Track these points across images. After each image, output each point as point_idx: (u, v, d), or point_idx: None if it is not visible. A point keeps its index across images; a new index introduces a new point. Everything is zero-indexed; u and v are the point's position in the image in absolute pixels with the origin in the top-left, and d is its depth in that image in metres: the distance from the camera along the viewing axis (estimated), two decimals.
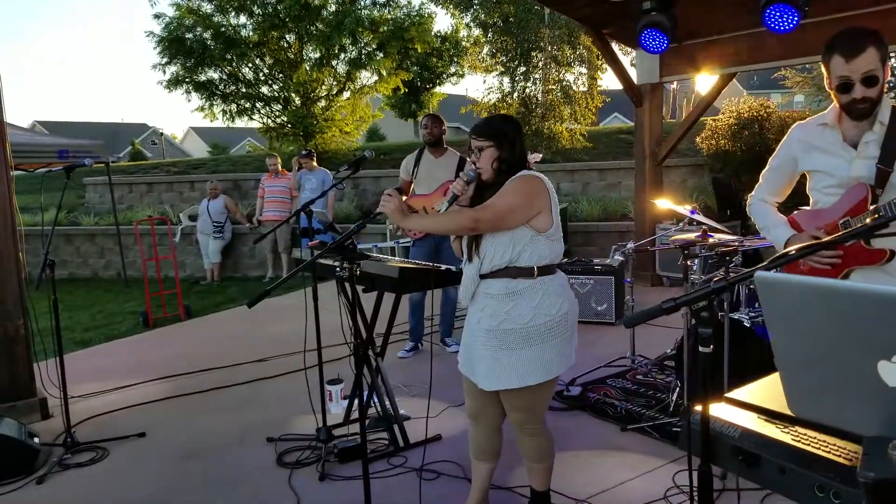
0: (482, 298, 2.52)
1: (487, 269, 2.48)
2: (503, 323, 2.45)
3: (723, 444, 1.33)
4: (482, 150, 2.49)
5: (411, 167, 5.32)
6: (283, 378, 5.07)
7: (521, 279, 2.44)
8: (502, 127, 2.54)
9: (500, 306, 2.46)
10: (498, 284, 2.47)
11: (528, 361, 2.45)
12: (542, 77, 11.68)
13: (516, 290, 2.45)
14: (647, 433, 3.69)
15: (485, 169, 2.49)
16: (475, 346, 2.57)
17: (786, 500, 2.90)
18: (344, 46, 12.43)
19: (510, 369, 2.46)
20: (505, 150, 2.48)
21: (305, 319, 3.54)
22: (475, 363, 2.58)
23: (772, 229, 2.43)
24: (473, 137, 2.52)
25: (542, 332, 2.44)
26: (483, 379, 2.54)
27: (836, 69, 2.11)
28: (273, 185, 9.76)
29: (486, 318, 2.50)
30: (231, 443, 3.91)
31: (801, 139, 2.36)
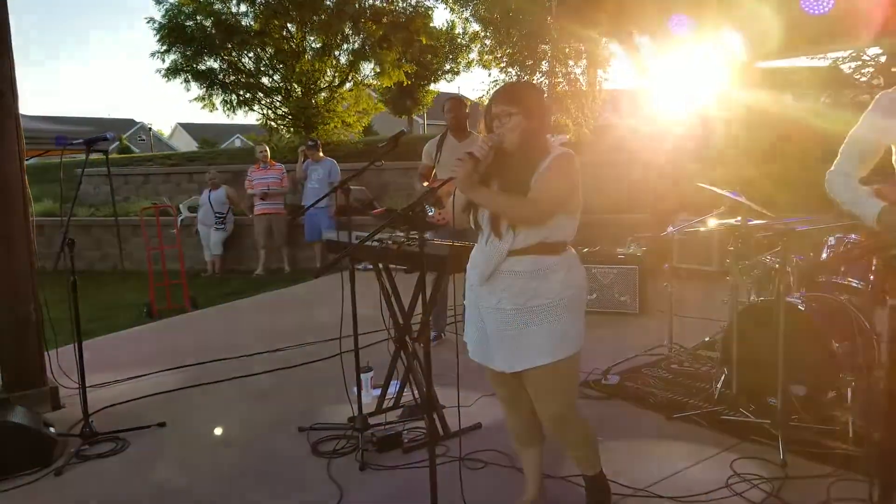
0: (505, 277, 2.36)
1: (520, 245, 2.34)
2: (531, 300, 2.33)
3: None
4: (510, 115, 2.33)
5: (434, 151, 5.18)
6: (305, 368, 4.91)
7: (548, 256, 2.34)
8: (533, 95, 2.43)
9: (528, 283, 2.33)
10: (526, 261, 2.34)
11: (556, 336, 2.34)
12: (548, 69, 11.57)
13: (545, 266, 2.34)
14: (695, 422, 3.57)
15: (508, 137, 2.34)
16: (492, 329, 2.42)
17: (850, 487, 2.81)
18: (346, 36, 12.25)
19: (537, 346, 2.34)
20: (534, 121, 2.34)
21: (342, 304, 3.37)
22: (493, 348, 2.44)
23: (859, 203, 2.30)
24: (499, 104, 2.35)
25: (568, 304, 2.35)
26: (506, 360, 2.40)
27: None
28: (262, 178, 9.52)
29: (509, 298, 2.35)
30: (260, 432, 3.75)
31: (889, 108, 2.23)
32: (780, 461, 3.05)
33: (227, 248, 10.13)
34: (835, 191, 2.42)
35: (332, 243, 3.77)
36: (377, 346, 5.10)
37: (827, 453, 3.11)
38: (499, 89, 2.45)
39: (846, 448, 3.13)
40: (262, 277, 9.33)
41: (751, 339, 3.62)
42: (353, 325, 3.52)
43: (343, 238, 3.46)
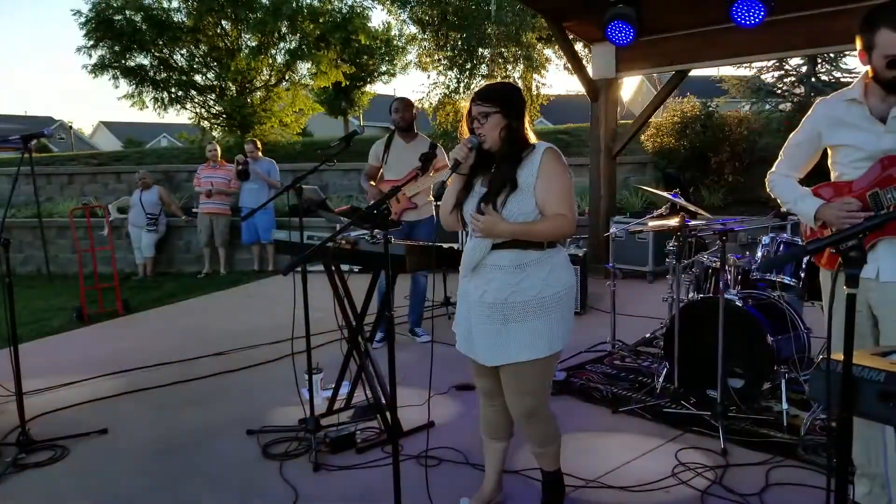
0: (488, 271, 2.41)
1: (500, 240, 2.39)
2: (512, 295, 2.37)
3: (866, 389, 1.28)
4: (487, 115, 2.37)
5: (381, 152, 5.18)
6: (249, 371, 4.80)
7: (531, 251, 2.38)
8: (510, 94, 2.46)
9: (509, 278, 2.38)
10: (509, 256, 2.38)
11: (535, 334, 2.38)
12: (488, 73, 11.71)
13: (526, 261, 2.38)
14: (639, 415, 3.71)
15: (489, 136, 2.39)
16: (476, 321, 2.46)
17: (788, 471, 2.99)
18: (283, 35, 12.04)
19: (517, 342, 2.38)
20: (513, 119, 2.39)
21: (294, 305, 3.33)
22: (475, 339, 2.48)
23: (799, 202, 2.45)
24: (478, 103, 2.40)
25: (549, 304, 2.39)
26: (487, 353, 2.44)
27: (887, 45, 2.12)
28: (211, 176, 9.30)
29: (491, 291, 2.40)
30: (207, 437, 3.65)
31: (827, 114, 2.39)
32: (720, 450, 3.20)
33: (159, 250, 9.81)
34: (776, 191, 2.56)
35: (282, 243, 3.71)
36: (324, 347, 5.07)
37: (763, 441, 3.29)
38: (476, 90, 2.48)
39: (781, 436, 3.32)
40: (202, 280, 9.08)
41: (691, 335, 3.78)
42: (306, 326, 3.48)
43: (295, 238, 3.42)
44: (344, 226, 2.26)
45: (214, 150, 9.40)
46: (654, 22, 5.81)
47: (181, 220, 9.94)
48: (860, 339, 2.42)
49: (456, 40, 12.00)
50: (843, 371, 1.23)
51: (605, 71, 7.14)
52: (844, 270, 1.22)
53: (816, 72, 9.70)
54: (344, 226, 2.26)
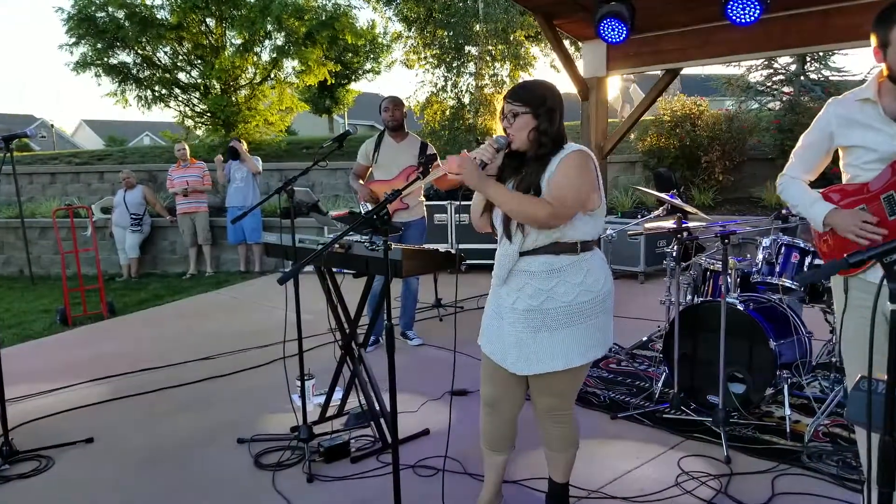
0: (520, 277, 2.32)
1: (530, 247, 2.29)
2: (546, 302, 2.28)
3: None
4: (516, 115, 2.28)
5: (371, 152, 5.08)
6: (239, 376, 4.69)
7: (564, 255, 2.28)
8: (543, 93, 2.31)
9: (542, 284, 2.28)
10: (540, 261, 2.29)
11: (571, 341, 2.29)
12: (476, 71, 11.62)
13: (560, 266, 2.28)
14: (638, 421, 3.64)
15: (518, 137, 2.29)
16: (507, 328, 2.37)
17: (797, 480, 2.93)
18: (269, 33, 11.87)
19: (553, 351, 2.29)
20: (543, 120, 2.27)
21: (284, 308, 3.24)
22: (508, 348, 2.37)
23: (809, 206, 2.38)
24: (508, 101, 2.31)
25: (585, 309, 2.29)
26: (519, 362, 2.35)
27: None
28: (183, 176, 9.17)
29: (524, 298, 2.31)
30: (196, 445, 3.54)
31: (839, 114, 2.33)
32: (724, 458, 3.14)
33: (143, 250, 9.65)
34: (785, 194, 2.49)
35: (273, 247, 3.61)
36: (315, 351, 4.98)
37: (767, 448, 3.23)
38: (512, 87, 2.37)
39: (785, 443, 3.27)
40: (188, 281, 8.94)
41: (691, 339, 3.72)
42: (298, 330, 3.38)
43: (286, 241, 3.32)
44: (343, 232, 2.17)
45: (183, 149, 9.33)
46: (645, 20, 5.72)
47: (166, 220, 9.78)
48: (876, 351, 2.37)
49: (443, 38, 11.89)
50: (887, 392, 1.16)
51: (596, 69, 7.05)
52: (889, 285, 1.15)
53: (805, 70, 9.72)
54: (343, 232, 2.17)
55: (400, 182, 4.89)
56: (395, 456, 2.29)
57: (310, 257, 1.87)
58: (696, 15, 5.95)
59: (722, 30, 5.66)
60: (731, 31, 5.35)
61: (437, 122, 11.73)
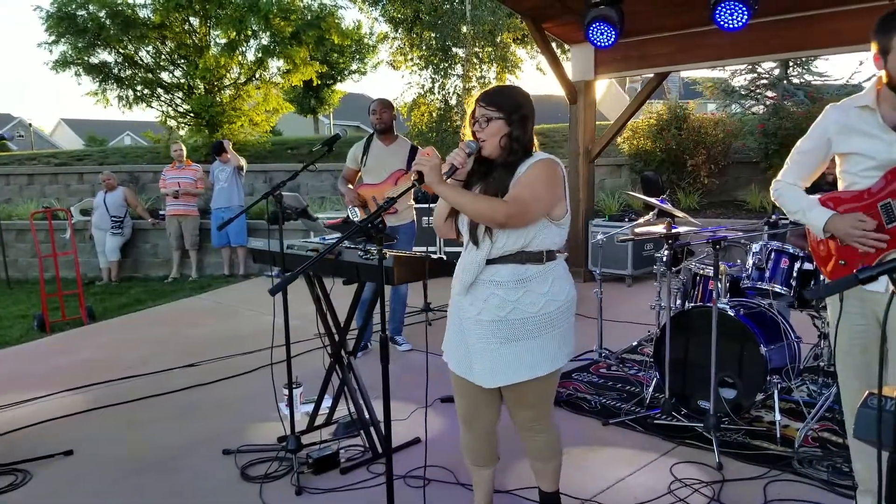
0: (486, 287, 2.26)
1: (497, 255, 2.25)
2: (512, 312, 2.23)
3: None
4: (489, 120, 2.23)
5: (360, 155, 5.02)
6: (224, 384, 4.61)
7: (530, 265, 2.25)
8: (517, 99, 2.28)
9: (509, 294, 2.24)
10: (506, 271, 2.24)
11: (538, 351, 2.25)
12: (463, 73, 11.60)
13: (526, 276, 2.24)
14: (630, 427, 3.62)
15: (488, 143, 2.24)
16: (473, 340, 2.31)
17: (788, 486, 2.92)
18: (255, 32, 11.76)
19: (519, 361, 2.25)
20: (516, 127, 2.24)
21: (272, 313, 3.17)
22: (473, 360, 2.33)
23: (807, 212, 2.37)
24: (481, 105, 2.25)
25: (552, 318, 2.26)
26: (486, 375, 2.30)
27: None
28: (177, 177, 9.04)
29: (490, 309, 2.25)
30: (181, 456, 3.45)
31: (837, 121, 2.31)
32: (715, 464, 3.13)
33: (124, 253, 9.50)
34: (782, 200, 2.47)
35: (260, 252, 3.54)
36: (302, 357, 4.90)
37: (758, 454, 3.22)
38: (483, 91, 2.32)
39: (775, 448, 3.27)
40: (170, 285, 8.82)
41: (681, 344, 3.71)
42: (286, 336, 3.31)
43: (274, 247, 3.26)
44: (337, 240, 2.11)
45: (180, 149, 9.16)
46: (633, 24, 5.74)
47: (148, 222, 9.65)
48: (865, 354, 2.36)
49: (430, 39, 11.86)
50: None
51: (584, 73, 7.07)
52: None
53: (788, 75, 9.81)
54: (337, 240, 2.11)
55: (388, 186, 4.84)
56: (388, 468, 2.23)
57: (303, 267, 1.82)
58: (684, 20, 5.99)
59: (709, 34, 5.70)
60: (717, 36, 5.38)
61: (425, 123, 11.69)
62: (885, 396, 1.17)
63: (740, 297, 3.89)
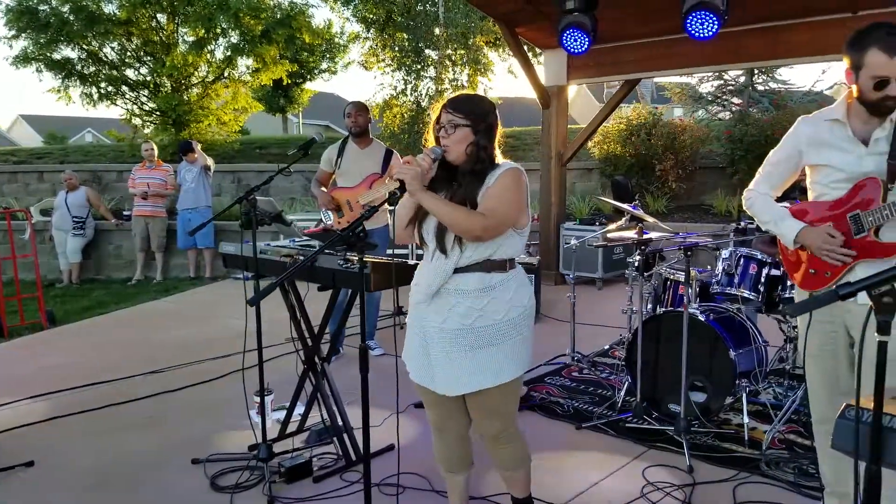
0: (451, 296, 2.26)
1: (465, 263, 2.24)
2: (478, 320, 2.24)
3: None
4: (456, 127, 2.22)
5: (334, 157, 4.97)
6: (191, 390, 4.51)
7: (495, 273, 2.26)
8: (485, 108, 2.28)
9: (475, 302, 2.24)
10: (473, 279, 2.24)
11: (502, 357, 2.26)
12: (436, 75, 11.58)
13: (491, 284, 2.25)
14: (602, 430, 3.65)
15: (453, 149, 2.23)
16: (435, 350, 2.30)
17: (757, 488, 2.97)
18: (225, 30, 11.58)
19: (484, 368, 2.25)
20: (482, 136, 2.24)
21: (246, 319, 3.11)
22: (435, 369, 2.32)
23: (779, 223, 2.41)
24: (449, 111, 2.24)
25: (516, 324, 2.28)
26: (450, 383, 2.29)
27: (876, 66, 2.08)
28: (147, 177, 8.86)
29: (455, 318, 2.25)
30: (148, 467, 3.37)
31: (808, 133, 2.36)
32: (686, 467, 3.17)
33: (86, 255, 9.27)
34: (754, 209, 2.52)
35: (232, 256, 3.48)
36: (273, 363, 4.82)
37: (727, 457, 3.28)
38: (450, 97, 2.31)
39: (744, 451, 3.32)
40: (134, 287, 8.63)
41: (653, 348, 3.75)
42: (258, 341, 3.26)
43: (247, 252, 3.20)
44: (318, 250, 2.07)
45: (151, 149, 8.97)
46: (606, 31, 5.80)
47: (111, 223, 9.43)
48: (834, 360, 2.41)
49: (402, 41, 11.82)
50: (874, 421, 1.16)
51: (557, 78, 7.12)
52: (877, 317, 1.14)
53: (753, 83, 10.02)
54: (318, 250, 2.07)
55: (363, 189, 4.80)
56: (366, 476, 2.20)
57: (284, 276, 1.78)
58: (655, 28, 6.08)
59: (679, 43, 5.79)
60: (687, 44, 5.46)
61: (397, 125, 11.65)
62: (863, 408, 1.19)
63: (710, 302, 3.95)
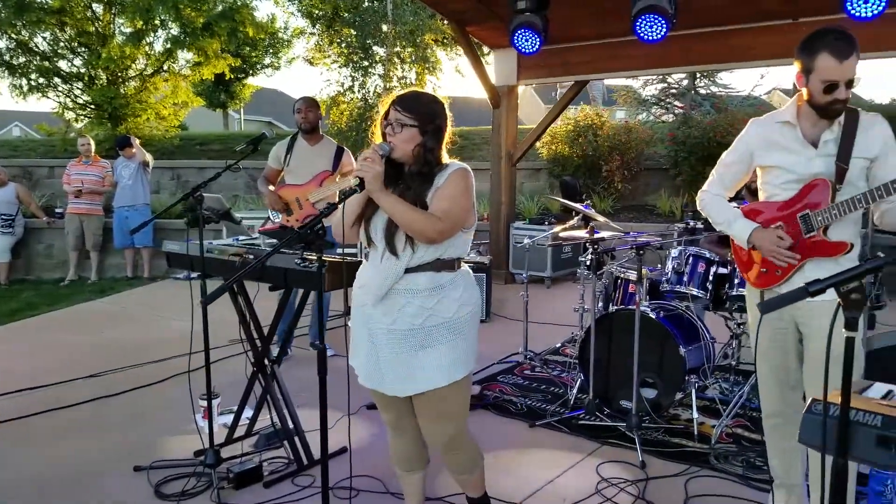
0: (401, 296, 2.21)
1: (416, 263, 2.21)
2: (429, 319, 2.21)
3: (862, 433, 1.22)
4: (403, 126, 2.18)
5: (283, 154, 4.85)
6: (131, 395, 4.33)
7: (444, 272, 2.24)
8: (434, 108, 2.24)
9: (425, 302, 2.21)
10: (423, 279, 2.21)
11: (453, 355, 2.23)
12: (384, 73, 11.49)
13: (441, 283, 2.23)
14: (556, 428, 3.67)
15: (401, 148, 2.19)
16: (385, 351, 2.25)
17: (707, 482, 3.04)
18: (164, 22, 11.19)
19: (436, 366, 2.22)
20: (430, 137, 2.21)
21: (191, 321, 2.99)
22: (386, 371, 2.27)
23: (733, 223, 2.46)
24: (397, 108, 2.20)
25: (466, 322, 2.27)
26: (401, 384, 2.25)
27: (826, 70, 2.14)
28: (83, 174, 8.48)
29: (405, 318, 2.21)
30: (88, 475, 3.20)
31: (760, 135, 2.42)
32: (639, 462, 3.22)
33: (15, 254, 8.82)
34: (707, 210, 2.56)
35: (176, 256, 3.34)
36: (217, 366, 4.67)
37: (677, 451, 3.34)
38: (400, 94, 2.26)
39: (693, 445, 3.39)
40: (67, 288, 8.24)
41: (605, 346, 3.80)
42: (205, 344, 3.13)
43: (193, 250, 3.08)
44: (275, 248, 1.99)
45: (87, 144, 8.58)
46: (555, 32, 5.85)
47: (42, 221, 8.99)
48: (784, 355, 2.47)
49: (349, 37, 11.68)
50: (841, 415, 1.18)
51: (508, 78, 7.15)
52: (845, 314, 1.17)
53: (696, 86, 10.32)
54: (275, 248, 1.99)
55: (313, 187, 4.70)
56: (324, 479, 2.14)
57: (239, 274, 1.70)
58: (604, 30, 6.17)
59: (628, 45, 5.89)
60: (636, 46, 5.55)
61: (344, 122, 11.49)
62: (830, 402, 1.21)
63: (660, 300, 4.03)
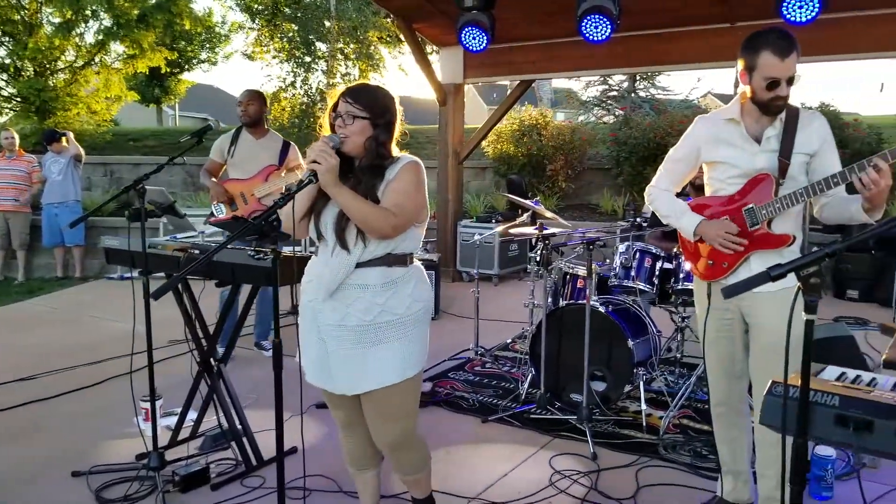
0: (351, 291, 2.17)
1: (367, 257, 2.18)
2: (380, 315, 2.17)
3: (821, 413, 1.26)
4: (354, 118, 2.15)
5: (226, 147, 4.72)
6: (67, 398, 4.13)
7: (396, 267, 2.21)
8: (385, 102, 2.21)
9: (377, 297, 2.17)
10: (374, 274, 2.17)
11: (405, 351, 2.21)
12: (327, 69, 11.33)
13: (393, 278, 2.20)
14: (508, 422, 3.69)
15: (351, 141, 2.15)
16: (333, 347, 2.21)
17: (657, 472, 3.11)
18: (96, 12, 10.73)
19: (387, 364, 2.18)
20: (381, 131, 2.18)
21: (134, 320, 2.87)
22: (335, 369, 2.22)
23: (680, 217, 2.53)
24: (347, 100, 2.16)
25: (418, 318, 2.25)
26: (350, 382, 2.21)
27: (768, 68, 2.22)
28: (7, 169, 8.04)
29: (355, 314, 2.17)
30: (23, 482, 3.03)
31: (707, 131, 2.49)
32: (590, 454, 3.27)
33: None
34: (656, 204, 2.62)
35: (115, 251, 3.20)
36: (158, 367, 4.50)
37: (627, 443, 3.41)
38: (350, 86, 2.22)
39: (643, 436, 3.47)
40: None
41: (555, 340, 3.84)
42: (148, 343, 3.02)
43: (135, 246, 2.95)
44: (227, 239, 1.92)
45: (11, 138, 8.14)
46: (502, 31, 5.88)
47: None
48: (730, 344, 2.55)
49: (291, 32, 11.47)
50: (801, 396, 1.22)
51: (454, 76, 7.16)
52: (805, 297, 1.20)
53: (636, 88, 10.59)
54: (227, 239, 1.92)
55: (258, 182, 4.60)
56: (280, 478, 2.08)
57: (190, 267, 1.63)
58: (550, 30, 6.24)
59: (572, 46, 5.99)
60: (580, 47, 5.65)
61: (286, 118, 11.28)
62: (790, 385, 1.24)
63: (608, 295, 4.10)
